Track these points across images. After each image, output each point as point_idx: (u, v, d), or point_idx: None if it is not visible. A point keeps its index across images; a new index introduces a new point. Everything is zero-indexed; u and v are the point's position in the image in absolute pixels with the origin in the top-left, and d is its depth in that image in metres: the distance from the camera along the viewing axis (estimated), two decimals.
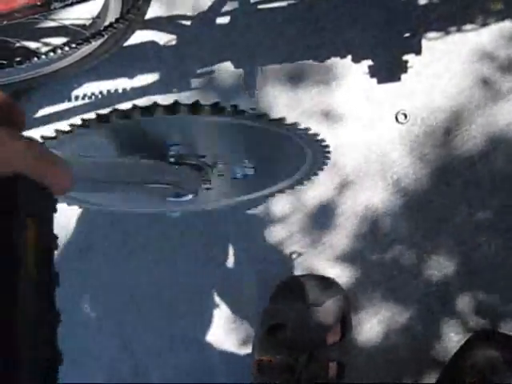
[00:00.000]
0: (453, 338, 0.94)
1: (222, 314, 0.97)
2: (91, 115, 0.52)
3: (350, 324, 0.93)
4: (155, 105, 0.51)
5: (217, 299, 0.96)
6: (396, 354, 0.95)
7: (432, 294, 0.93)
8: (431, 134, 0.88)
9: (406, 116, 0.89)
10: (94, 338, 0.97)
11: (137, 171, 0.61)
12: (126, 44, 0.88)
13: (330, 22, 0.90)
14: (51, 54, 0.79)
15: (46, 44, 0.95)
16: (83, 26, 0.88)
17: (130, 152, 0.62)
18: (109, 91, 0.96)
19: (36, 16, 0.64)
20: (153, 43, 0.95)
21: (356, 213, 0.92)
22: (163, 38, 0.95)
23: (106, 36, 0.73)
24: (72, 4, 0.64)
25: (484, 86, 0.88)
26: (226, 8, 0.92)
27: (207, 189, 0.72)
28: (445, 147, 0.88)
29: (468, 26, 0.88)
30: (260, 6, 0.92)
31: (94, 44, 0.82)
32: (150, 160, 0.61)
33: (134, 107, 0.52)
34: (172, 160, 0.64)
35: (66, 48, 0.78)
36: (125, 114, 0.52)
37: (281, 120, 0.57)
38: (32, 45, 0.94)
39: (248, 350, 0.97)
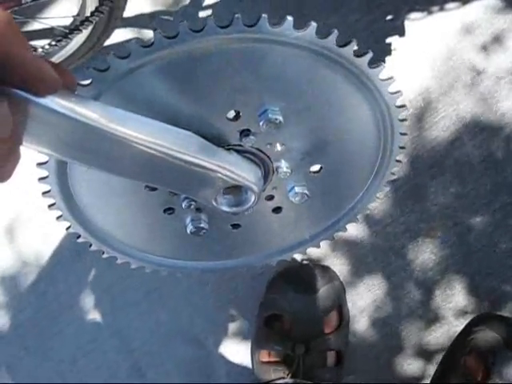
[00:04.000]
0: (453, 323, 0.93)
1: (220, 309, 0.96)
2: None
3: (347, 312, 0.91)
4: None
5: (214, 293, 0.96)
6: (395, 340, 0.94)
7: (429, 278, 0.92)
8: (419, 115, 0.87)
9: None
10: (90, 334, 0.97)
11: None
12: (107, 43, 0.88)
13: (312, 7, 0.89)
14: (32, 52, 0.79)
15: (32, 46, 0.95)
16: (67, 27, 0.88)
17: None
18: None
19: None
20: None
21: None
22: (145, 35, 0.95)
23: (82, 30, 0.73)
24: None
25: (470, 65, 0.86)
26: (208, 2, 0.91)
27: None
28: (434, 128, 0.87)
29: (451, 5, 0.86)
30: None
31: (76, 42, 0.82)
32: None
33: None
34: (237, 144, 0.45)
35: (47, 46, 0.78)
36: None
37: None
38: None
39: (247, 344, 0.96)
